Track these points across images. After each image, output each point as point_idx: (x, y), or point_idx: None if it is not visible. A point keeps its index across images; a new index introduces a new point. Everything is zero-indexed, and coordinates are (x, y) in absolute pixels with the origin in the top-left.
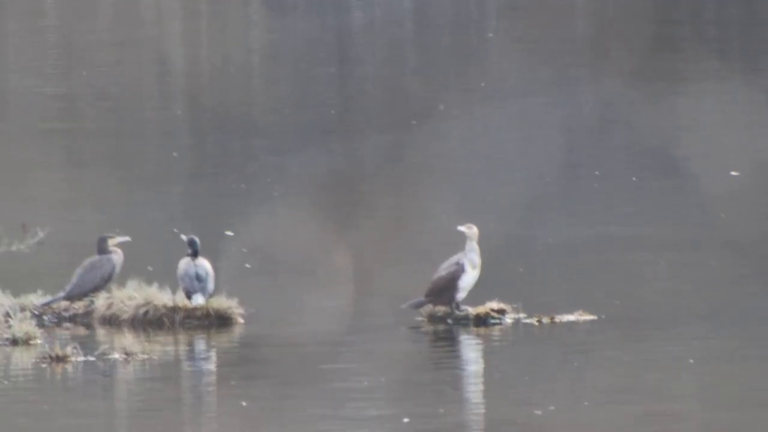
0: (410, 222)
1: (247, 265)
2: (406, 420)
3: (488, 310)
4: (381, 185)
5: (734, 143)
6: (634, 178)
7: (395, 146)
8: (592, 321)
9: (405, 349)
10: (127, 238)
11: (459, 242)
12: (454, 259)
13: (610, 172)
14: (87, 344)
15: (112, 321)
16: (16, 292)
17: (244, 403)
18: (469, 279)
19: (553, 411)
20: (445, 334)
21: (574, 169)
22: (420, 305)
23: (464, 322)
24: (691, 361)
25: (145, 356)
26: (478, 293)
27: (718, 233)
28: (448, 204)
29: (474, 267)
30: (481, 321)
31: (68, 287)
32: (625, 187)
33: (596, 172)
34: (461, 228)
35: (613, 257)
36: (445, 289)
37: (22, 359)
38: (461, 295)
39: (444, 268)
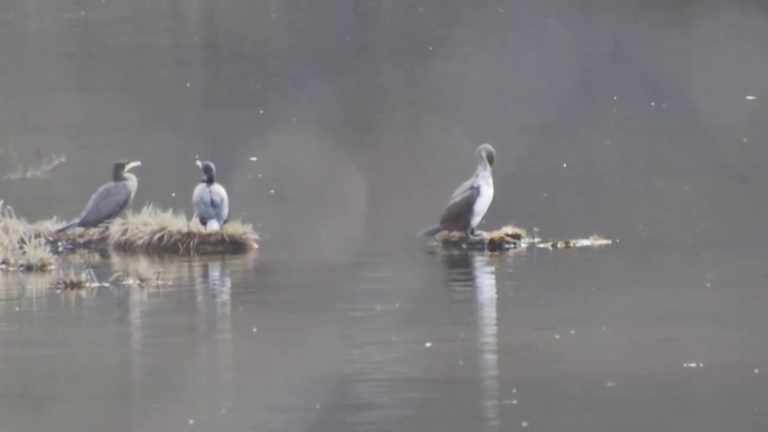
0: (426, 148)
1: (272, 191)
2: (428, 344)
3: (503, 235)
4: (398, 111)
5: (750, 68)
6: (652, 103)
7: (412, 72)
8: (607, 245)
9: (420, 275)
10: (137, 163)
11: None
12: (467, 183)
13: (627, 97)
14: (101, 270)
15: (126, 247)
16: (32, 219)
17: (255, 329)
18: (484, 202)
19: (573, 335)
20: (460, 260)
21: (592, 95)
22: (435, 231)
23: (479, 247)
24: (708, 284)
25: (160, 282)
26: (493, 218)
27: (735, 159)
28: (464, 129)
29: (489, 187)
30: (496, 246)
31: (83, 213)
32: (643, 112)
33: (614, 97)
34: (482, 149)
35: (630, 182)
36: (460, 215)
37: (37, 285)
38: (476, 219)
39: (458, 194)
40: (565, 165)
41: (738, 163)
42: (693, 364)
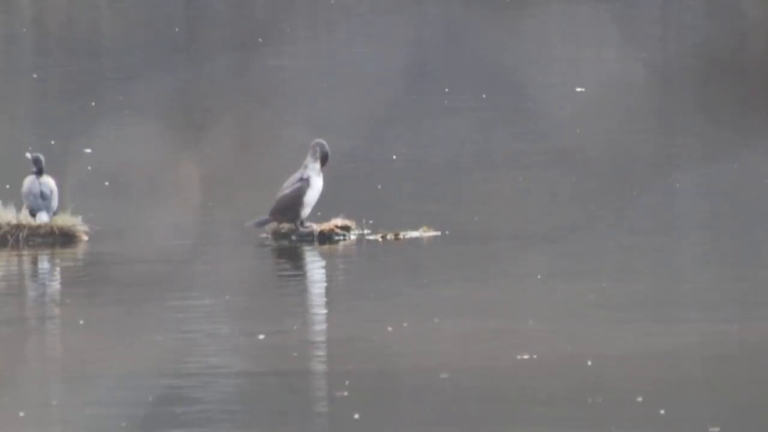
0: (259, 140)
1: (106, 183)
2: (261, 336)
3: (333, 227)
4: (230, 103)
5: (580, 61)
6: (483, 95)
7: (242, 64)
8: (437, 237)
9: (249, 266)
10: None
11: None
12: (296, 175)
13: (459, 88)
14: None
15: None
16: None
17: (82, 322)
18: (313, 194)
19: (405, 327)
20: (289, 252)
21: (424, 85)
22: (264, 223)
23: (309, 239)
24: (540, 276)
25: None
26: (325, 210)
27: (569, 150)
28: (296, 122)
29: (318, 178)
30: (326, 238)
31: None
32: (475, 103)
33: (446, 89)
34: (317, 144)
35: (462, 173)
36: (289, 207)
37: None
38: (306, 211)
39: (288, 186)
40: (395, 156)
41: (571, 155)
42: (526, 356)
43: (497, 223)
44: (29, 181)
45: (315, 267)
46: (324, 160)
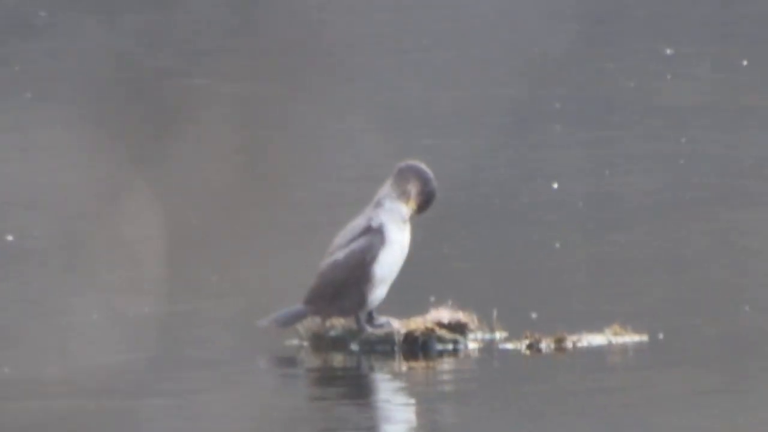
0: (277, 150)
1: (9, 238)
2: None
3: (432, 326)
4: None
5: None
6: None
7: None
8: (642, 346)
9: (264, 416)
10: None
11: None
12: (360, 222)
13: None
14: None
15: None
16: None
17: None
18: (393, 259)
19: None
20: (345, 378)
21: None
22: (295, 319)
23: (384, 347)
24: None
25: None
26: (410, 292)
27: None
28: (360, 114)
29: (402, 229)
30: (418, 346)
31: None
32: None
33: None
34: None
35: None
36: (346, 285)
37: None
38: (378, 292)
39: (343, 243)
40: (555, 185)
41: None
42: None
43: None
44: None
45: (398, 417)
46: (424, 201)
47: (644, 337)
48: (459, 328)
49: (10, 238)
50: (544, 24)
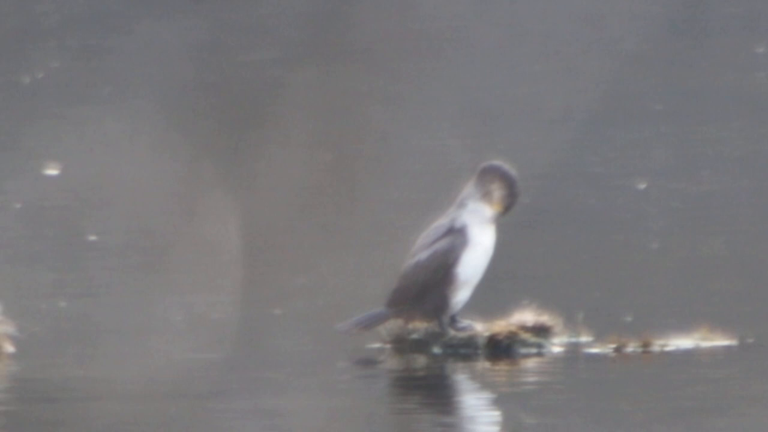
0: (355, 150)
1: None
2: None
3: (516, 329)
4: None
5: None
6: None
7: None
8: (733, 351)
9: (343, 413)
10: None
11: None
12: (443, 223)
13: None
14: None
15: None
16: None
17: None
18: (477, 261)
19: None
20: (428, 383)
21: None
22: (376, 322)
23: (468, 350)
24: None
25: None
26: (494, 294)
27: None
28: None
29: (485, 231)
30: (502, 350)
31: None
32: None
33: None
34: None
35: None
36: (428, 287)
37: None
38: (461, 294)
39: (425, 245)
40: (643, 186)
41: None
42: None
43: None
44: None
45: (481, 421)
46: (509, 203)
47: (734, 342)
48: (543, 332)
49: (93, 238)
50: (632, 20)
